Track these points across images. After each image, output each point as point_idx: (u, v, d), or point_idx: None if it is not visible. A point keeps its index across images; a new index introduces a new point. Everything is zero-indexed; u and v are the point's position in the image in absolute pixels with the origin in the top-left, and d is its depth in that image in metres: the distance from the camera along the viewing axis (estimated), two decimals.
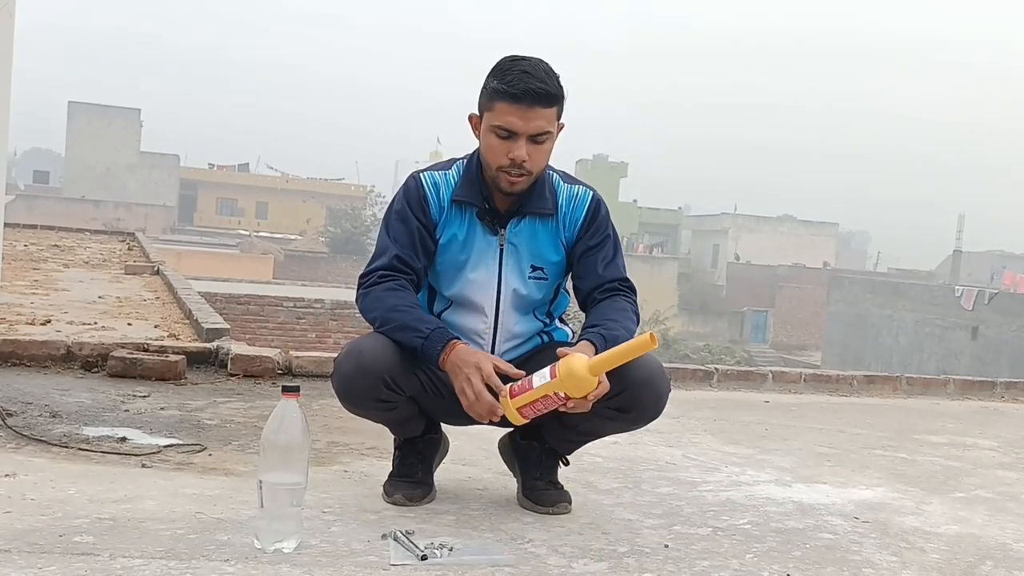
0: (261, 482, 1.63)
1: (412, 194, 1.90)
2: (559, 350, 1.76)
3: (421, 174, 1.93)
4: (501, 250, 1.90)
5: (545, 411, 1.73)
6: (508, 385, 1.75)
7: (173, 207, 42.93)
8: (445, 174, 1.92)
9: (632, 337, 1.82)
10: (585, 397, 1.71)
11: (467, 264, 1.91)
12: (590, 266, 1.93)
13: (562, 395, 1.71)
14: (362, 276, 1.90)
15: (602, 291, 1.92)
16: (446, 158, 2.05)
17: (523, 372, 1.77)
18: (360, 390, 1.83)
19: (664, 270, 37.19)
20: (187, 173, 47.25)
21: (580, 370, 1.69)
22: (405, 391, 1.86)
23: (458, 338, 1.81)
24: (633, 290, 1.95)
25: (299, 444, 1.64)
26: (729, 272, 40.51)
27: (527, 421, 1.76)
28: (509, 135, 1.81)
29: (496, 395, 1.74)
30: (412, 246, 1.88)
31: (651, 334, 1.71)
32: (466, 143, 1.97)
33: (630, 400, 1.84)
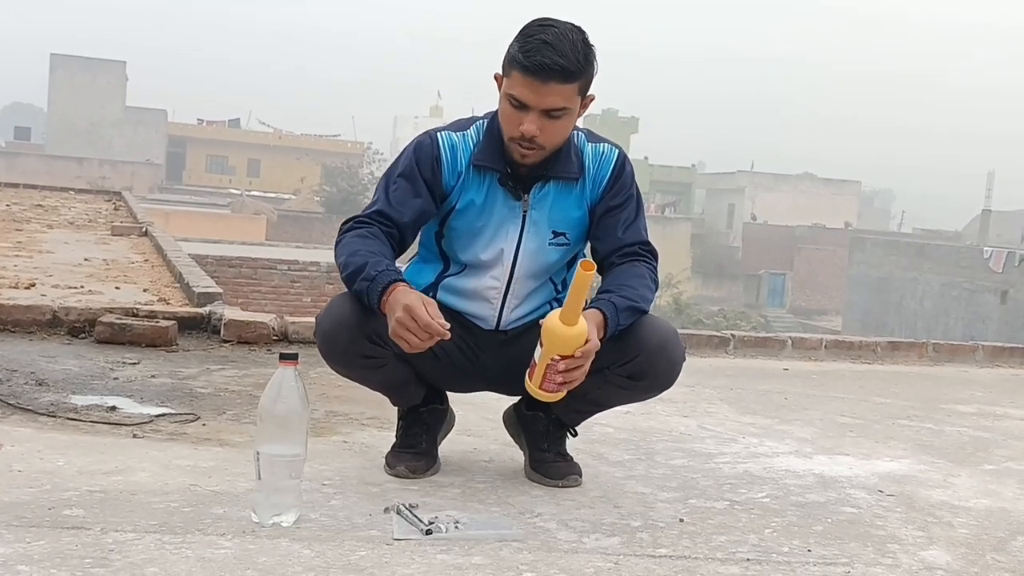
0: (258, 454, 1.58)
1: (425, 153, 1.82)
2: (541, 321, 1.69)
3: (438, 133, 1.84)
4: (524, 216, 1.83)
5: (559, 375, 1.67)
6: (527, 372, 1.72)
7: (161, 165, 41.94)
8: (463, 135, 1.83)
9: (648, 305, 1.75)
10: (574, 354, 1.64)
11: (485, 230, 1.83)
12: (610, 228, 1.85)
13: (558, 358, 1.66)
14: (343, 223, 1.84)
15: (621, 255, 1.84)
16: (446, 113, 1.96)
17: (445, 323, 1.64)
18: (342, 346, 1.77)
19: (677, 231, 36.75)
20: (175, 129, 46.12)
21: (553, 325, 1.65)
22: (391, 346, 1.77)
23: (404, 281, 1.70)
24: (654, 254, 1.87)
25: (297, 414, 1.59)
26: (745, 233, 40.02)
27: (559, 395, 1.70)
28: (521, 106, 1.72)
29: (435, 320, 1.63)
30: (405, 204, 1.80)
31: (582, 263, 1.65)
32: (470, 99, 1.87)
33: (643, 366, 1.78)
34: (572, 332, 1.64)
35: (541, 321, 1.69)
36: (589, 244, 1.92)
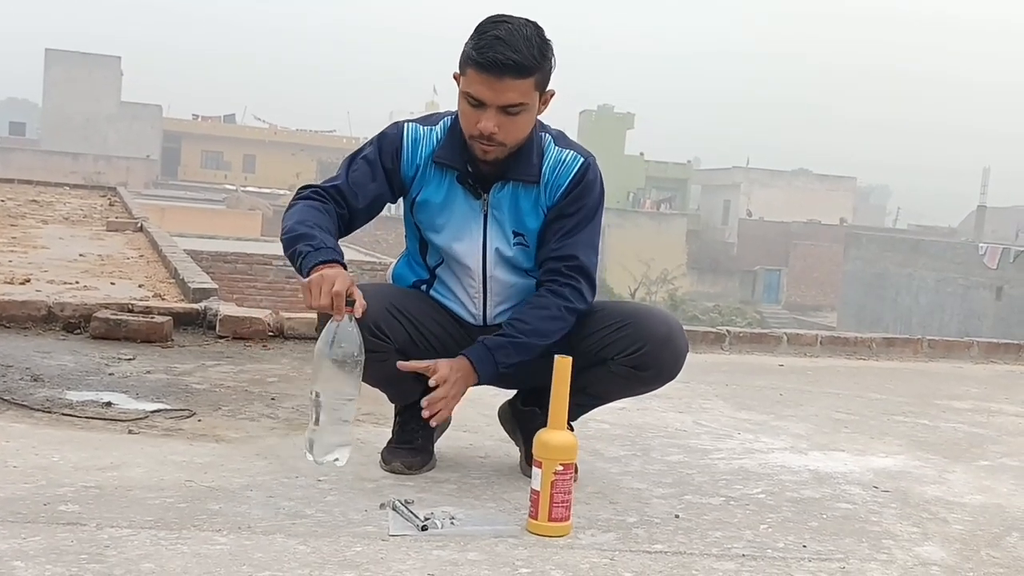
0: (318, 394, 1.69)
1: (388, 143, 1.84)
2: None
3: (406, 124, 1.86)
4: (485, 215, 1.82)
5: (568, 495, 1.63)
6: (527, 515, 1.65)
7: (156, 160, 41.69)
8: (430, 129, 1.84)
9: (542, 338, 1.75)
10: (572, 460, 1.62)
11: (447, 227, 1.84)
12: (548, 235, 1.82)
13: (561, 468, 1.61)
14: (299, 188, 1.85)
15: (546, 270, 1.81)
16: (442, 108, 1.96)
17: (354, 308, 1.64)
18: None
19: (672, 227, 36.70)
20: (170, 124, 45.94)
21: (549, 439, 1.61)
22: (393, 340, 1.79)
23: (342, 263, 1.70)
24: (581, 272, 1.80)
25: (354, 358, 1.68)
26: (740, 229, 39.99)
27: (568, 521, 1.64)
28: (478, 104, 1.71)
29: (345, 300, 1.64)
30: (362, 187, 1.82)
31: (557, 357, 1.63)
32: None
33: (649, 357, 1.78)
34: (565, 436, 1.62)
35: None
36: None
